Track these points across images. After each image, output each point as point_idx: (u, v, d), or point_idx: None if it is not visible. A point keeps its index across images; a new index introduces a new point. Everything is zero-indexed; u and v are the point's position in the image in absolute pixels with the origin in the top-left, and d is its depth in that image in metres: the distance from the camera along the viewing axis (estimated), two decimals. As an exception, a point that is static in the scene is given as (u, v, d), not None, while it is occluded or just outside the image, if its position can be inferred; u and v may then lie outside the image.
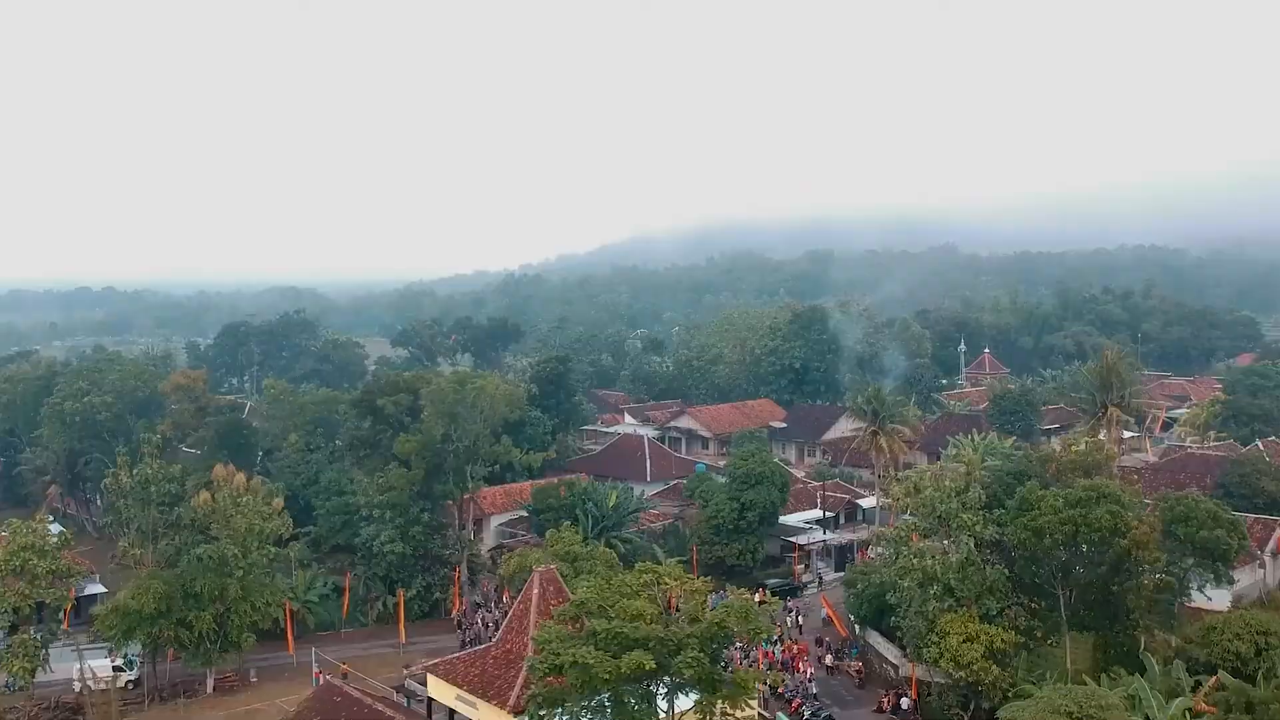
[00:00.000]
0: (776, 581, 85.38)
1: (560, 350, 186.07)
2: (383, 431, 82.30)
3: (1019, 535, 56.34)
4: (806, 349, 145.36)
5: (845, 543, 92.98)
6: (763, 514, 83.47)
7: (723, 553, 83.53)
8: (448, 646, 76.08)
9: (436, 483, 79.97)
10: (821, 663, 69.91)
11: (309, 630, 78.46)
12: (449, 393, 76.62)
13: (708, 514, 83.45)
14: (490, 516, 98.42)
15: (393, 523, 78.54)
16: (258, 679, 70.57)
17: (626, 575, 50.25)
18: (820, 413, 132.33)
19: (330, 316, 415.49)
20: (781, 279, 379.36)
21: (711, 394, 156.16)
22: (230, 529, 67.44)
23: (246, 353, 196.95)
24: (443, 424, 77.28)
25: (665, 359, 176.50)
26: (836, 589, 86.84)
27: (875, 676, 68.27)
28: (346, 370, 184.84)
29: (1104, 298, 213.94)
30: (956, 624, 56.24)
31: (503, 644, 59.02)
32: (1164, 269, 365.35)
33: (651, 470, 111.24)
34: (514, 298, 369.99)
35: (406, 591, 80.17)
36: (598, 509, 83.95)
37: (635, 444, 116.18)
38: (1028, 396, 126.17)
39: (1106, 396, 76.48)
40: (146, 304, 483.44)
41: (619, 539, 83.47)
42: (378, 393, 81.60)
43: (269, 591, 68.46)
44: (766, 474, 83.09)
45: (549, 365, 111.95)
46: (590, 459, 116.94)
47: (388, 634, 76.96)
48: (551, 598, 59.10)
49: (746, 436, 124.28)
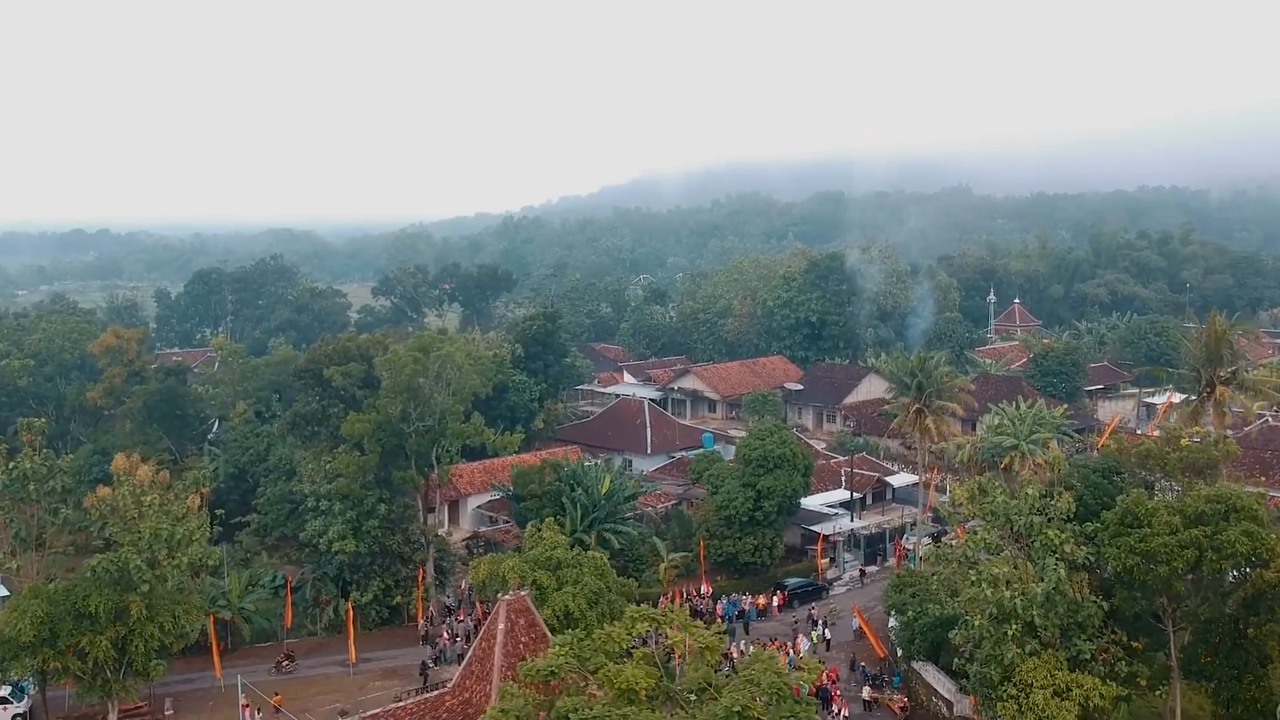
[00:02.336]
0: (797, 581, 73.00)
1: (556, 300, 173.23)
2: (332, 406, 69.48)
3: (1123, 559, 43.56)
4: (824, 300, 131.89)
5: (876, 532, 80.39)
6: (782, 504, 70.78)
7: (735, 548, 71.02)
8: (410, 664, 63.95)
9: (395, 468, 67.26)
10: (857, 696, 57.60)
11: (245, 641, 66.26)
12: (408, 363, 63.64)
13: (717, 502, 70.77)
14: (467, 498, 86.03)
15: (343, 516, 65.95)
16: (174, 710, 58.34)
17: (613, 628, 37.56)
18: (840, 373, 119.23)
19: (326, 260, 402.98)
20: (790, 222, 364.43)
21: (719, 349, 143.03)
22: (134, 534, 54.89)
23: (220, 301, 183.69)
24: (401, 400, 64.39)
25: (668, 309, 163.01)
26: (867, 589, 74.59)
27: (923, 715, 55.96)
28: (326, 321, 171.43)
29: (1139, 243, 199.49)
30: (1041, 673, 43.63)
31: (460, 690, 46.66)
32: (1185, 211, 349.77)
33: (652, 441, 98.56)
34: (512, 241, 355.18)
35: (362, 595, 67.86)
36: (588, 496, 71.29)
37: (634, 410, 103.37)
38: (1072, 356, 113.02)
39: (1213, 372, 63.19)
40: (139, 247, 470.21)
41: (613, 531, 70.93)
42: (324, 361, 68.54)
43: (184, 609, 55.91)
44: (787, 456, 70.26)
45: (536, 323, 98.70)
46: (584, 427, 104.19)
47: (339, 645, 64.64)
48: (521, 634, 46.68)
49: (758, 400, 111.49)
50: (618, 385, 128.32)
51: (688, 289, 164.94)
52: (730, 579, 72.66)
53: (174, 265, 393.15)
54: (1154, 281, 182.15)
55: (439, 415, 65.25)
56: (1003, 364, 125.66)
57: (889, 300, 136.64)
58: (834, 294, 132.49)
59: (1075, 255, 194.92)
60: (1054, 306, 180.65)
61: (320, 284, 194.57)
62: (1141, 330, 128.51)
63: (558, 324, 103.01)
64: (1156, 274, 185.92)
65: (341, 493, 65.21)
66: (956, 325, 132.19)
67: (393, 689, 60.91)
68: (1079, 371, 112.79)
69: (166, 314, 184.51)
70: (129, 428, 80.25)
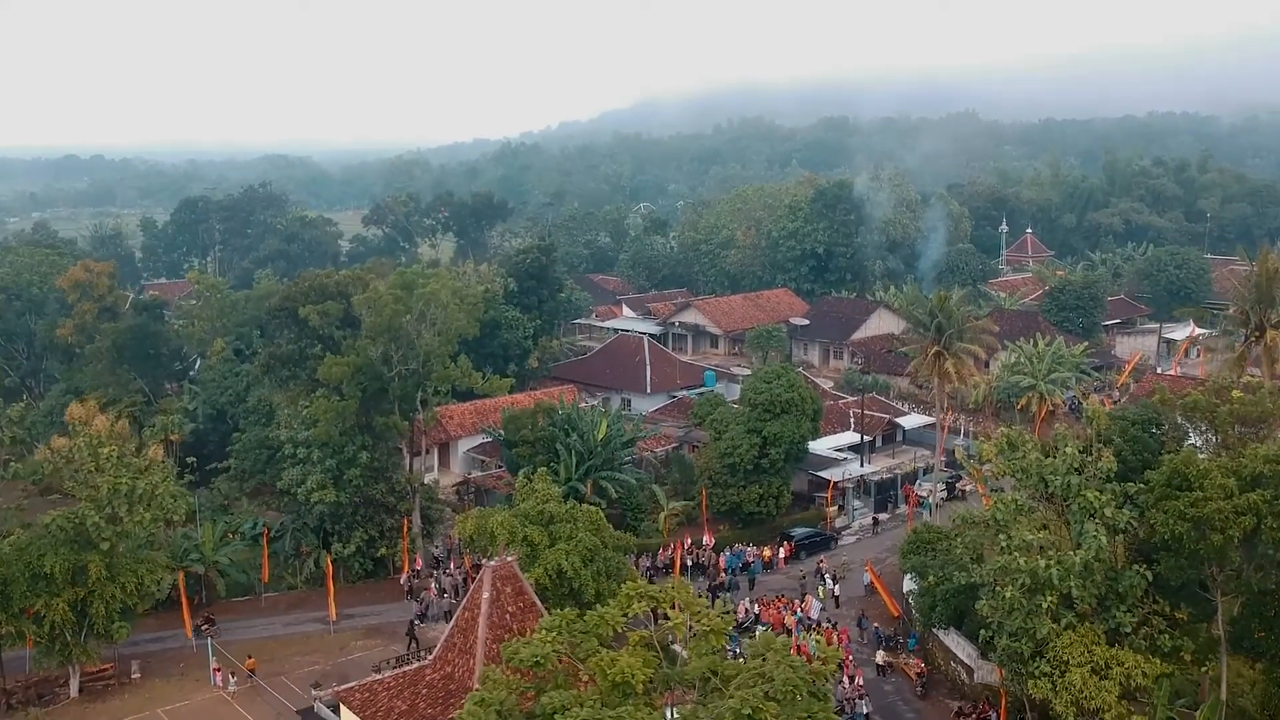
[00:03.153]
0: (804, 531, 69.12)
1: (553, 229, 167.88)
2: (310, 347, 65.05)
3: (1171, 526, 39.40)
4: (831, 231, 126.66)
5: (887, 477, 76.37)
6: (789, 450, 66.63)
7: (739, 497, 67.01)
8: (393, 622, 60.27)
9: (377, 413, 63.04)
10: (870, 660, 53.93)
11: (220, 597, 62.51)
12: (388, 302, 59.05)
13: (721, 449, 66.61)
14: (458, 441, 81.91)
15: (321, 464, 61.83)
16: (140, 674, 54.62)
17: (607, 609, 33.45)
18: (848, 308, 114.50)
19: (321, 187, 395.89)
20: (793, 148, 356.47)
21: (721, 282, 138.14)
22: (91, 489, 50.83)
23: (208, 230, 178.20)
24: (382, 342, 59.94)
25: (669, 240, 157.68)
26: (879, 539, 70.82)
27: (941, 680, 52.30)
28: (317, 251, 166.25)
29: (1155, 170, 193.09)
30: (1077, 649, 39.77)
31: (441, 663, 42.82)
32: (1197, 137, 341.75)
33: (652, 380, 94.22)
34: (510, 168, 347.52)
35: (344, 547, 64.00)
36: (583, 442, 67.15)
37: (633, 347, 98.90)
38: (1091, 290, 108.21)
39: (1263, 314, 58.39)
40: (132, 173, 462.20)
41: (609, 479, 66.90)
42: (300, 299, 63.92)
43: (148, 568, 52.04)
44: (795, 401, 65.94)
45: (530, 256, 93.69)
46: (581, 365, 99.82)
47: (320, 600, 60.75)
48: (508, 603, 42.73)
49: (762, 336, 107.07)
50: (616, 320, 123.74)
51: (689, 219, 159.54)
52: (734, 529, 68.82)
53: (168, 192, 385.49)
54: (1169, 210, 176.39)
55: (423, 357, 60.84)
56: (1017, 298, 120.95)
57: (898, 230, 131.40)
58: (841, 224, 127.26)
59: (1089, 183, 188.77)
60: (1066, 236, 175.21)
61: (311, 213, 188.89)
62: (1161, 262, 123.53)
63: (553, 257, 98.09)
64: (1172, 203, 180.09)
65: (320, 440, 61.00)
66: (969, 257, 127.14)
67: (375, 649, 57.31)
68: (1097, 306, 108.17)
69: (153, 243, 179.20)
70: (98, 368, 75.85)
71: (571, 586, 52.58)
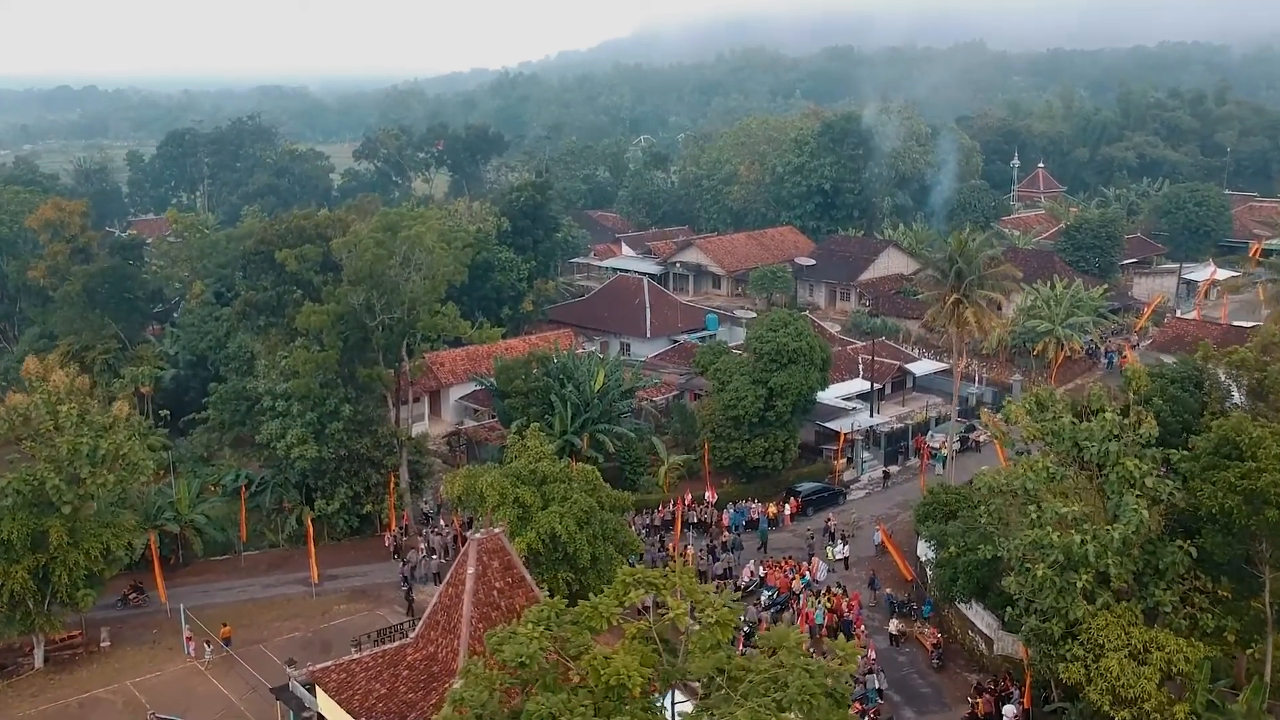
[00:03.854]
0: (811, 486, 65.82)
1: (551, 163, 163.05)
2: (288, 293, 61.27)
3: (1220, 500, 35.99)
4: (838, 166, 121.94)
5: (898, 428, 72.95)
6: (796, 402, 63.08)
7: (743, 451, 63.58)
8: (379, 584, 57.29)
9: (360, 364, 59.46)
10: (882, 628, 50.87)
11: (197, 557, 59.40)
12: (369, 246, 55.13)
13: (724, 401, 63.03)
14: (449, 388, 78.44)
15: (302, 418, 58.39)
16: (110, 642, 51.62)
17: (602, 599, 30.06)
18: (856, 247, 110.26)
19: (316, 118, 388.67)
20: (797, 79, 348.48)
21: (724, 219, 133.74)
22: (50, 448, 47.39)
23: (195, 164, 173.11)
24: (363, 289, 56.15)
25: (670, 175, 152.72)
26: (889, 493, 67.58)
27: (957, 651, 49.27)
28: (308, 185, 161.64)
29: (1170, 102, 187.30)
30: (1114, 631, 36.53)
31: (423, 642, 39.65)
32: (1208, 67, 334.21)
33: (652, 323, 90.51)
34: (507, 99, 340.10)
35: (328, 503, 60.80)
36: (579, 393, 63.62)
37: (633, 288, 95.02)
38: (1108, 228, 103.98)
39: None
40: (126, 104, 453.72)
41: (607, 432, 63.48)
42: (276, 242, 59.97)
43: (114, 532, 48.76)
44: (803, 350, 62.22)
45: (524, 195, 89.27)
46: (578, 308, 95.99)
47: (304, 559, 57.51)
48: (495, 578, 39.45)
49: (766, 276, 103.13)
50: (615, 259, 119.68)
51: (690, 153, 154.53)
52: (738, 483, 65.53)
53: (161, 124, 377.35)
54: (1185, 144, 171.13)
55: (408, 305, 57.05)
56: (1031, 237, 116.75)
57: (908, 164, 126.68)
58: (849, 159, 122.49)
59: (1102, 116, 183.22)
60: (1078, 171, 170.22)
61: (301, 146, 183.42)
62: (1179, 199, 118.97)
63: (548, 195, 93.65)
64: (1188, 136, 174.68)
65: (299, 392, 57.47)
66: (982, 194, 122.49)
67: (359, 613, 54.31)
68: (1115, 245, 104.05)
69: (139, 178, 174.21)
70: (69, 314, 72.13)
71: (566, 551, 49.47)
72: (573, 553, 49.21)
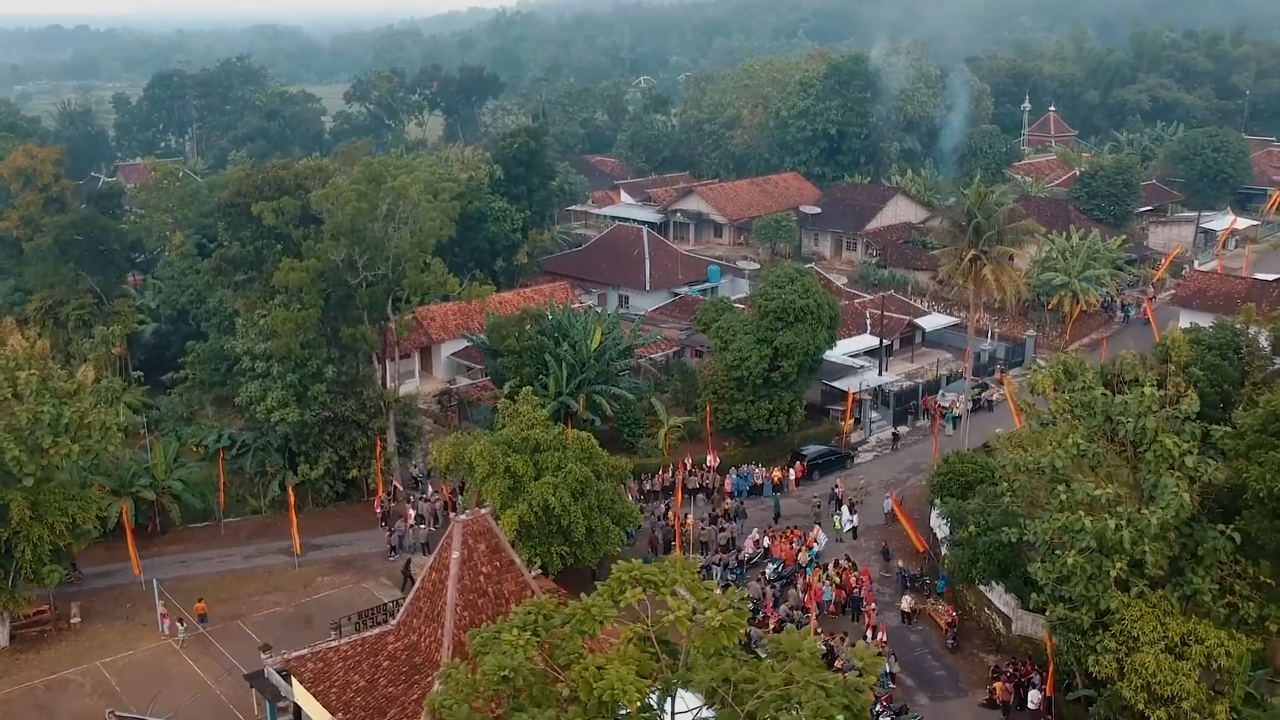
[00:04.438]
0: (817, 449, 63.00)
1: (548, 106, 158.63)
2: (267, 248, 58.03)
3: (1269, 482, 33.16)
4: (844, 110, 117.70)
5: (908, 386, 70.01)
6: (803, 363, 60.09)
7: (746, 413, 60.66)
8: (366, 553, 54.74)
9: (344, 323, 56.39)
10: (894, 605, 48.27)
11: (175, 525, 56.71)
12: (350, 199, 51.78)
13: (727, 361, 60.03)
14: (440, 344, 75.41)
15: (282, 380, 55.39)
16: (81, 618, 49.05)
17: (594, 599, 27.24)
18: (862, 194, 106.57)
19: (311, 58, 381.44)
20: (801, 18, 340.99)
21: (726, 165, 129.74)
22: (10, 418, 44.46)
23: (184, 107, 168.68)
24: (345, 245, 52.91)
25: (670, 118, 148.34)
26: (899, 456, 64.78)
27: (973, 629, 46.70)
28: (298, 129, 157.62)
29: (1186, 43, 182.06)
30: (1149, 622, 33.82)
31: (406, 630, 37.00)
32: (1225, 6, 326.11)
33: (652, 275, 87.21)
34: (504, 39, 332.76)
35: (312, 468, 57.98)
36: (574, 352, 60.59)
37: (631, 239, 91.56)
38: (1124, 175, 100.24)
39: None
40: (118, 44, 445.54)
41: (604, 394, 60.54)
42: (253, 193, 56.56)
43: (80, 505, 46.01)
44: (810, 308, 59.09)
45: (518, 141, 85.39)
46: (576, 258, 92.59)
47: (287, 526, 54.81)
48: (481, 563, 36.66)
49: (770, 225, 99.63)
50: (614, 207, 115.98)
51: (691, 95, 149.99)
52: (741, 447, 62.70)
53: (153, 65, 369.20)
54: (1200, 86, 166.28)
55: (392, 262, 53.82)
56: (1044, 184, 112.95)
57: (916, 108, 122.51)
58: (855, 102, 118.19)
59: (1114, 58, 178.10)
60: (1089, 114, 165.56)
61: (292, 88, 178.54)
62: (1197, 144, 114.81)
63: (543, 141, 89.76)
64: (1203, 78, 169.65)
65: (279, 353, 54.40)
66: (993, 139, 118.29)
67: (344, 586, 51.75)
68: (1131, 193, 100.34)
69: (126, 121, 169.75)
70: (41, 268, 68.86)
71: (560, 524, 46.88)
72: (567, 525, 46.65)
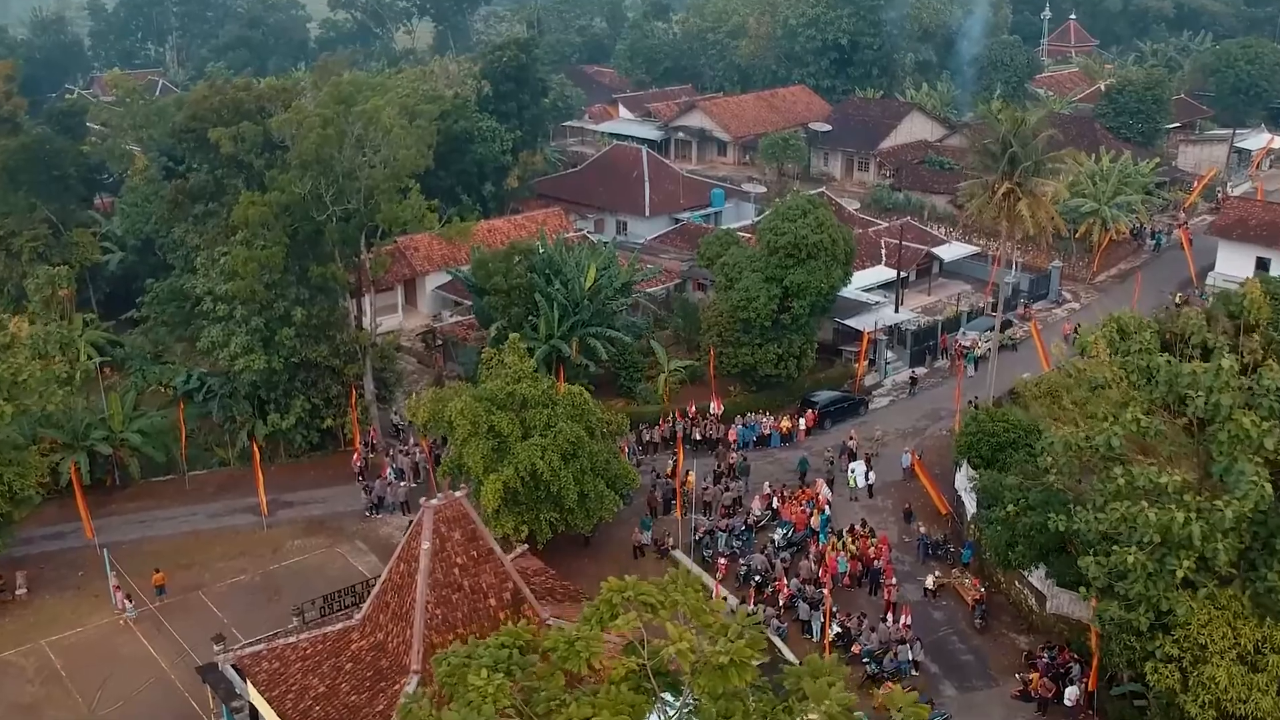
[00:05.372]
0: (828, 395, 58.36)
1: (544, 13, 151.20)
2: (229, 178, 52.82)
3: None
4: (856, 19, 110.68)
5: (926, 324, 65.20)
6: (815, 303, 55.23)
7: (753, 358, 55.91)
8: (341, 513, 50.57)
9: (313, 262, 51.44)
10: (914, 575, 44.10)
11: (135, 479, 52.42)
12: (315, 126, 46.42)
13: (733, 301, 55.09)
14: (425, 277, 70.45)
15: (246, 324, 50.64)
16: (27, 589, 44.98)
17: (581, 628, 22.77)
18: (875, 110, 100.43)
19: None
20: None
21: (730, 77, 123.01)
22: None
23: (162, 14, 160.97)
24: (311, 176, 47.69)
25: (671, 26, 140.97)
26: (917, 401, 60.21)
27: (1003, 605, 42.58)
28: (282, 38, 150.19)
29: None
30: (1219, 628, 29.55)
31: (371, 627, 32.75)
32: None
33: (652, 200, 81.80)
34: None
35: (283, 418, 53.58)
36: (567, 291, 55.70)
37: (630, 160, 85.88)
38: (1154, 91, 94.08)
39: None
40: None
41: (599, 336, 55.81)
42: (209, 118, 51.12)
43: (19, 471, 41.66)
44: (824, 244, 54.03)
45: (507, 54, 79.03)
46: (569, 181, 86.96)
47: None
48: (456, 554, 32.28)
49: (777, 144, 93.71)
50: (612, 122, 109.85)
51: (694, 1, 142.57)
52: (747, 393, 58.10)
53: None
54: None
55: (364, 195, 48.63)
56: (1068, 100, 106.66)
57: (931, 15, 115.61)
58: (868, 9, 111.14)
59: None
60: (1110, 22, 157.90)
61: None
62: (1230, 55, 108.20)
63: (535, 55, 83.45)
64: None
65: (241, 296, 49.54)
66: (1013, 50, 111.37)
67: (316, 551, 47.67)
68: (1161, 110, 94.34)
69: (102, 29, 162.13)
70: (1, 196, 63.57)
71: (549, 490, 42.53)
72: (557, 491, 42.30)
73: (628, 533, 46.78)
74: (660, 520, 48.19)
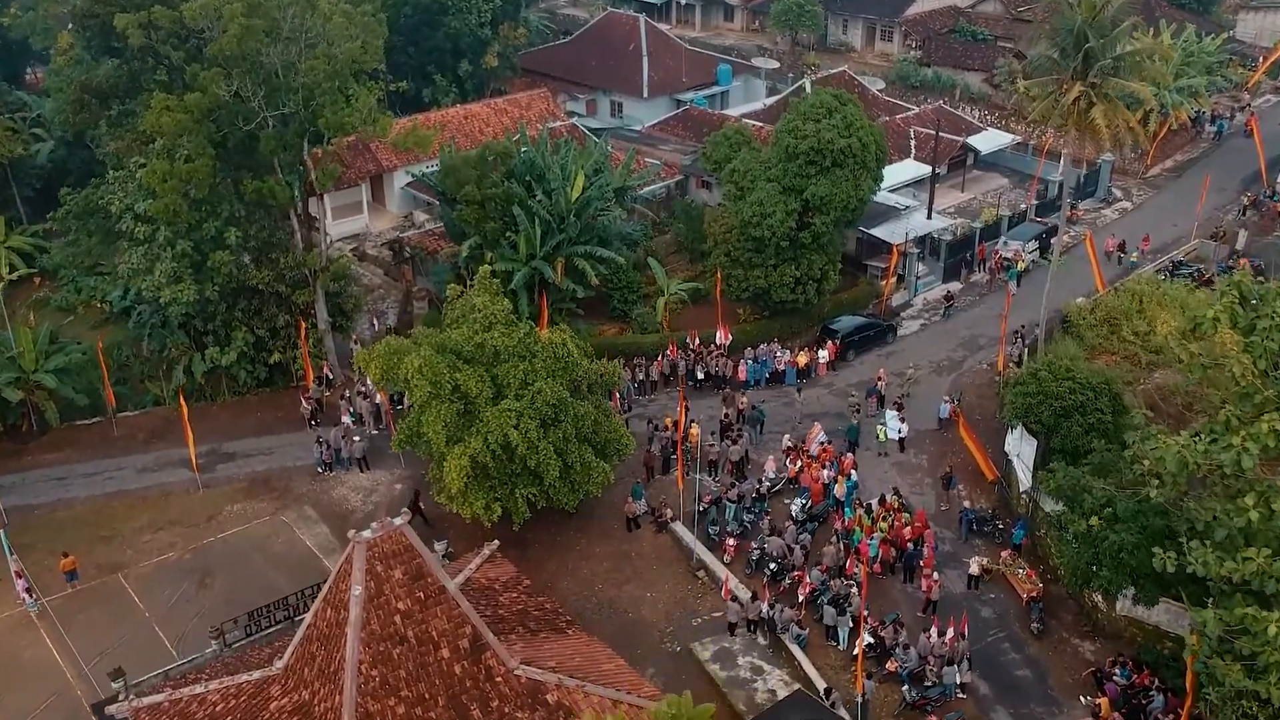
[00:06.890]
0: (852, 322, 50.92)
1: None
2: (146, 72, 44.36)
3: None
4: None
5: (962, 235, 57.23)
6: (840, 217, 47.29)
7: (766, 281, 48.17)
8: (290, 467, 43.77)
9: (248, 173, 43.43)
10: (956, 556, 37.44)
11: (53, 425, 45.41)
12: (237, 14, 37.82)
13: (744, 216, 47.05)
14: (393, 173, 62.16)
15: (172, 248, 42.96)
16: (-81, 571, 38.50)
17: None
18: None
19: None
20: None
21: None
22: None
23: None
24: (236, 75, 39.35)
25: None
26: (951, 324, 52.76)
27: (1062, 600, 35.97)
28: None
29: None
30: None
31: (295, 683, 26.11)
32: None
33: (651, 79, 72.68)
34: None
35: (223, 353, 46.36)
36: (551, 203, 47.66)
37: (626, 30, 76.34)
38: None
39: None
40: None
41: (588, 256, 48.10)
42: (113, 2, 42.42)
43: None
44: (852, 149, 45.74)
45: (482, -92, 69.13)
46: (558, 54, 77.57)
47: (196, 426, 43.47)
48: (397, 598, 25.48)
49: (790, 10, 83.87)
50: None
51: None
52: (758, 319, 50.54)
53: None
54: None
55: (302, 96, 40.30)
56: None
57: None
58: None
59: None
60: None
61: None
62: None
63: (516, -91, 73.20)
64: None
65: (163, 217, 41.69)
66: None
67: (257, 520, 40.95)
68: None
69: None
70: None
71: (526, 464, 35.62)
72: (535, 466, 35.39)
73: (620, 497, 40.02)
74: (658, 481, 41.47)
